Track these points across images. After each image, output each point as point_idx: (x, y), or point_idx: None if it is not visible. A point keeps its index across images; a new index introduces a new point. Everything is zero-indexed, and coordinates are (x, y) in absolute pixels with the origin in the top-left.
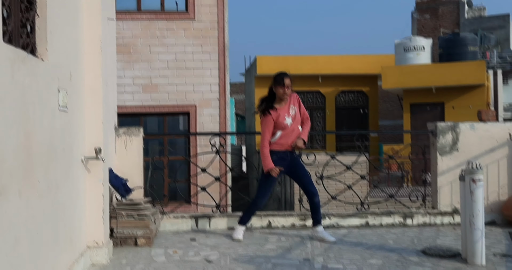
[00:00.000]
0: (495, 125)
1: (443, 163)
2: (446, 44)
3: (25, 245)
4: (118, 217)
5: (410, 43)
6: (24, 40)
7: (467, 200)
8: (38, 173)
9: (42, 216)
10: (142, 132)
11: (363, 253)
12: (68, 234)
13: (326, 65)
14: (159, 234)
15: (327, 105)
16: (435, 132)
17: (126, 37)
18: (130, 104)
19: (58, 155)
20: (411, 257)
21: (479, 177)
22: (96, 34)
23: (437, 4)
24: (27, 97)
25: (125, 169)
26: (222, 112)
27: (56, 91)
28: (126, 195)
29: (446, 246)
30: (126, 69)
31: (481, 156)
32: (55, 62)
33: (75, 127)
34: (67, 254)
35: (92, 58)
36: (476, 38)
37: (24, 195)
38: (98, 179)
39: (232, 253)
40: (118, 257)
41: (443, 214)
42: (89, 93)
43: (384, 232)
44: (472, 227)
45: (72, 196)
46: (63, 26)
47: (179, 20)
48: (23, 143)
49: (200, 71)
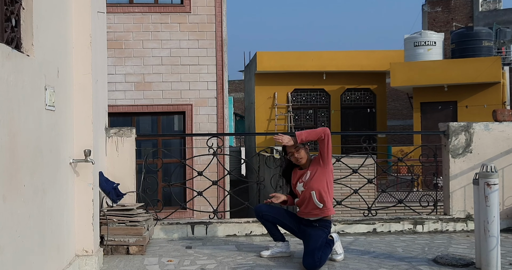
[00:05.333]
0: (511, 125)
1: (456, 166)
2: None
3: (9, 253)
4: (109, 224)
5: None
6: (9, 35)
7: (482, 206)
8: (23, 176)
9: (28, 223)
10: (135, 132)
11: (370, 262)
12: (55, 241)
13: (331, 61)
14: (152, 242)
15: (332, 104)
16: (447, 132)
17: (118, 31)
18: (122, 103)
19: (45, 158)
20: (421, 266)
21: (494, 181)
22: (85, 28)
23: None
24: (12, 95)
25: (117, 172)
26: (220, 111)
27: (43, 89)
28: (118, 200)
29: (459, 254)
30: (117, 65)
31: (497, 159)
32: (41, 58)
33: (63, 128)
34: (54, 263)
35: (81, 54)
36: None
37: (9, 200)
38: (88, 183)
39: (231, 262)
40: (109, 266)
41: (456, 220)
42: (78, 91)
43: (393, 239)
44: (487, 234)
45: (60, 201)
46: (50, 20)
47: (174, 13)
48: (7, 144)
49: (197, 67)
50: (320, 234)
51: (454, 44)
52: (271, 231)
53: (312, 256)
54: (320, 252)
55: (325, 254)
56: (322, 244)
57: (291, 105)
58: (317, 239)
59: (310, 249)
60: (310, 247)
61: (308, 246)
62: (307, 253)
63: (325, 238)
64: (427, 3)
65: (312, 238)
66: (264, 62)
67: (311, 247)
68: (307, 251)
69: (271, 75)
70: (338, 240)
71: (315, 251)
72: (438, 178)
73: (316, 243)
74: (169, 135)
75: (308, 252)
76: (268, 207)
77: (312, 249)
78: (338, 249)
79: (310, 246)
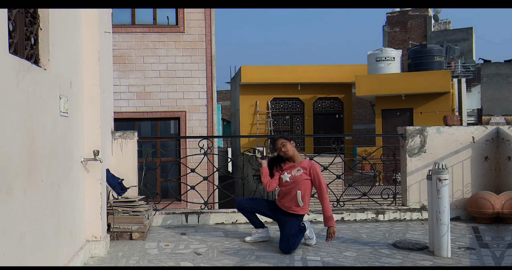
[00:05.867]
0: (459, 129)
1: (412, 164)
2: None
3: (29, 239)
4: (115, 213)
5: (381, 54)
6: (28, 52)
7: (434, 198)
8: (41, 173)
9: (45, 213)
10: (137, 135)
11: (339, 246)
12: (68, 229)
13: (305, 74)
14: (152, 229)
15: (306, 110)
16: (405, 135)
17: (122, 48)
18: (126, 110)
19: (60, 157)
20: (383, 249)
21: (445, 177)
22: (94, 46)
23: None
24: (31, 103)
25: (121, 169)
26: (210, 117)
27: (58, 98)
28: (122, 193)
29: (415, 239)
30: (121, 77)
31: (447, 157)
32: (56, 72)
33: (75, 131)
34: (67, 247)
35: (90, 68)
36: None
37: (29, 193)
38: (96, 179)
39: (219, 246)
40: (115, 250)
41: (412, 210)
42: (88, 100)
43: (358, 227)
44: (439, 222)
45: (72, 194)
46: (64, 39)
47: (170, 33)
48: (27, 146)
49: (189, 79)
50: (294, 222)
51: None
52: (251, 220)
53: (287, 242)
54: (294, 238)
55: (298, 239)
56: (296, 231)
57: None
58: (291, 226)
59: (285, 236)
60: (285, 234)
61: (284, 233)
62: (282, 239)
63: (298, 226)
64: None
65: (287, 225)
66: (248, 74)
67: (286, 234)
68: (283, 237)
69: (254, 86)
70: (309, 227)
71: (289, 238)
72: (396, 174)
73: (291, 230)
74: (166, 138)
75: (283, 238)
76: (246, 200)
77: (287, 236)
78: (310, 234)
79: (285, 233)
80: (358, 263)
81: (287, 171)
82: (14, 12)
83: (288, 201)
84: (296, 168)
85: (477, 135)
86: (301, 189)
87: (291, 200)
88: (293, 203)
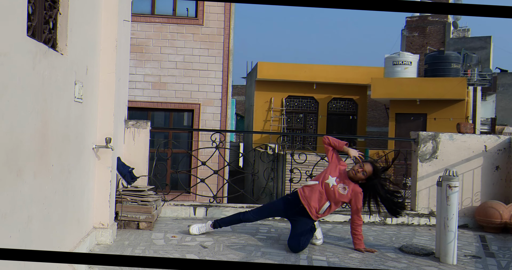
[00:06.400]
0: (472, 137)
1: (423, 169)
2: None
3: (36, 222)
4: (123, 202)
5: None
6: (46, 35)
7: (443, 204)
8: (52, 157)
9: (54, 197)
10: (149, 125)
11: (345, 247)
12: (76, 215)
13: (321, 73)
14: (159, 220)
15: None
16: (417, 140)
17: (140, 37)
18: (140, 99)
19: (71, 143)
20: (389, 253)
21: (455, 184)
22: (112, 33)
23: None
24: (46, 87)
25: (132, 158)
26: (224, 111)
27: (73, 84)
28: (132, 182)
29: (422, 245)
30: (138, 67)
31: (458, 165)
32: (73, 57)
33: (88, 118)
34: (74, 233)
35: (107, 55)
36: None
37: (38, 177)
38: (107, 166)
39: (226, 241)
40: (121, 238)
41: (420, 215)
42: (103, 87)
43: (366, 229)
44: (446, 229)
45: (82, 181)
46: (82, 25)
47: (188, 25)
48: (40, 129)
49: (205, 72)
50: (308, 222)
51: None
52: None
53: (298, 240)
54: (305, 237)
55: (308, 239)
56: (308, 230)
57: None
58: (304, 226)
59: (296, 234)
60: (297, 232)
61: (295, 230)
62: (293, 236)
63: (311, 226)
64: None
65: (300, 224)
66: (264, 71)
67: (298, 232)
68: (294, 234)
69: (269, 83)
70: (319, 227)
71: (300, 236)
72: (407, 179)
73: (303, 229)
74: (179, 129)
75: (294, 236)
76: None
77: (298, 234)
78: (318, 234)
79: (297, 231)
80: (363, 265)
81: (337, 179)
82: None
83: (313, 201)
84: (345, 184)
85: (489, 144)
86: (332, 203)
87: (316, 202)
88: (316, 206)
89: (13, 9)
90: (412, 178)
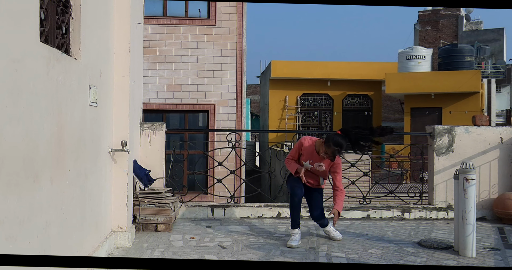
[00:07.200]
0: (488, 129)
1: (439, 163)
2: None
3: (55, 228)
4: (141, 205)
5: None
6: (59, 40)
7: (461, 197)
8: (68, 162)
9: (71, 202)
10: (165, 127)
11: (364, 243)
12: (94, 219)
13: (335, 70)
14: (177, 221)
15: (335, 107)
16: (433, 134)
17: (153, 40)
18: (155, 101)
19: (87, 147)
20: (407, 248)
21: (472, 177)
22: (125, 36)
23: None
24: (61, 92)
25: (149, 160)
26: (238, 111)
27: (87, 88)
28: (149, 184)
29: (440, 239)
30: (151, 69)
31: (474, 157)
32: (87, 61)
33: (104, 121)
34: (93, 237)
35: (121, 58)
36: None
37: (55, 182)
38: (123, 169)
39: (244, 240)
40: (139, 241)
41: (438, 209)
42: (117, 90)
43: (384, 224)
44: (465, 222)
45: (99, 184)
46: (95, 29)
47: (201, 25)
48: (55, 134)
49: (219, 73)
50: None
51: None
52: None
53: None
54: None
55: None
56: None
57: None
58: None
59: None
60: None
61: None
62: (315, 207)
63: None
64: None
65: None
66: (278, 69)
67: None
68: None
69: (283, 81)
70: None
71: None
72: (424, 173)
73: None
74: (194, 130)
75: (315, 206)
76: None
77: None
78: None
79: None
80: (382, 260)
81: (310, 161)
82: (46, 1)
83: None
84: (320, 162)
85: (505, 136)
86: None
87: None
88: (316, 183)
89: (25, 15)
90: (429, 172)
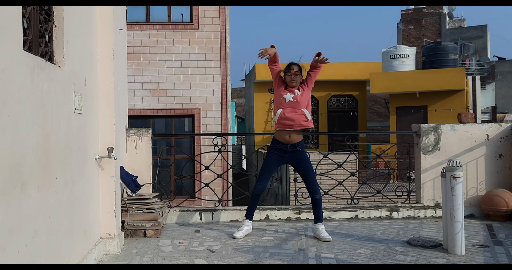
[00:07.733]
0: (473, 126)
1: (426, 161)
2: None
3: (43, 236)
4: (129, 211)
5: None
6: (43, 49)
7: (448, 195)
8: (55, 170)
9: (59, 210)
10: (151, 133)
11: (353, 243)
12: (83, 226)
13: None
14: (166, 226)
15: (320, 108)
16: (419, 132)
17: (136, 46)
18: (140, 107)
19: (74, 154)
20: (397, 247)
21: (459, 174)
22: (108, 43)
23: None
24: (46, 100)
25: (135, 166)
26: (224, 114)
27: (72, 95)
28: (136, 190)
29: (429, 237)
30: (136, 75)
31: (461, 155)
32: (71, 69)
33: (90, 128)
34: (82, 244)
35: (105, 65)
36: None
37: (43, 190)
38: (110, 176)
39: (233, 244)
40: (128, 247)
41: (426, 208)
42: (102, 97)
43: (372, 224)
44: (453, 219)
45: (87, 192)
46: (78, 36)
47: (184, 30)
48: (41, 143)
49: (204, 77)
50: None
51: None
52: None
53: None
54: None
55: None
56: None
57: None
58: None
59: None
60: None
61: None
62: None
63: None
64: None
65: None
66: (262, 72)
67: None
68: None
69: (268, 83)
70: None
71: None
72: (411, 172)
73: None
74: (180, 135)
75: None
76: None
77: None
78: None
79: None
80: (372, 260)
81: (289, 92)
82: (28, 9)
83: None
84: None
85: (491, 133)
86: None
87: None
88: (302, 119)
89: (8, 24)
90: (416, 170)
